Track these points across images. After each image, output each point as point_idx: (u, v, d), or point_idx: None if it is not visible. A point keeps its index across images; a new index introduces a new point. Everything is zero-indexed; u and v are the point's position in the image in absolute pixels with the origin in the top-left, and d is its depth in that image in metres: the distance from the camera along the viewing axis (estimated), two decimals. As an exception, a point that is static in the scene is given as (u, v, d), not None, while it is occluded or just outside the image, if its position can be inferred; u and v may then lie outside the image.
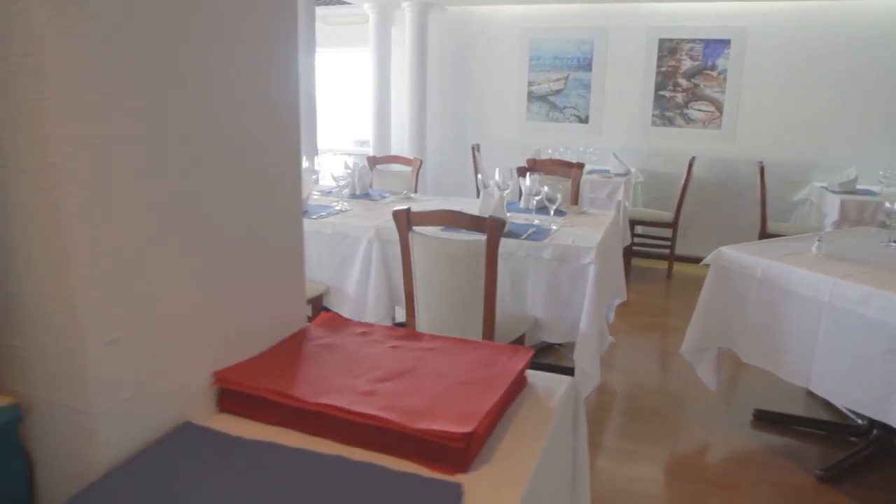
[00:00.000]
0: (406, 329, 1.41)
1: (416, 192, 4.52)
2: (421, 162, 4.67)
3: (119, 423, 0.98)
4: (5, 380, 0.98)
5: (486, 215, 2.67)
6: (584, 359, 2.75)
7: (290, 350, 1.29)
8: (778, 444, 3.00)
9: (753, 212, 5.52)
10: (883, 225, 4.53)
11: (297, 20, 1.33)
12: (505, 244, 2.85)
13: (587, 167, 5.83)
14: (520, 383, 1.24)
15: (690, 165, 5.49)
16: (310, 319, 1.49)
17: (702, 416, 3.26)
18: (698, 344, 3.00)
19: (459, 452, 0.97)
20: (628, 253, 5.66)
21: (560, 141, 6.29)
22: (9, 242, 0.93)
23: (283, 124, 1.30)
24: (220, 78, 1.12)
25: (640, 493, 2.60)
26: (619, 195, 5.14)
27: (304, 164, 3.83)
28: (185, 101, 1.04)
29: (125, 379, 0.98)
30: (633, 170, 5.95)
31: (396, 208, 2.49)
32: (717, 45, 5.91)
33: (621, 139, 6.29)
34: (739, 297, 2.86)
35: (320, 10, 6.77)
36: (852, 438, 2.99)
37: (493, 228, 2.34)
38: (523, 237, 2.88)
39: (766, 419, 3.17)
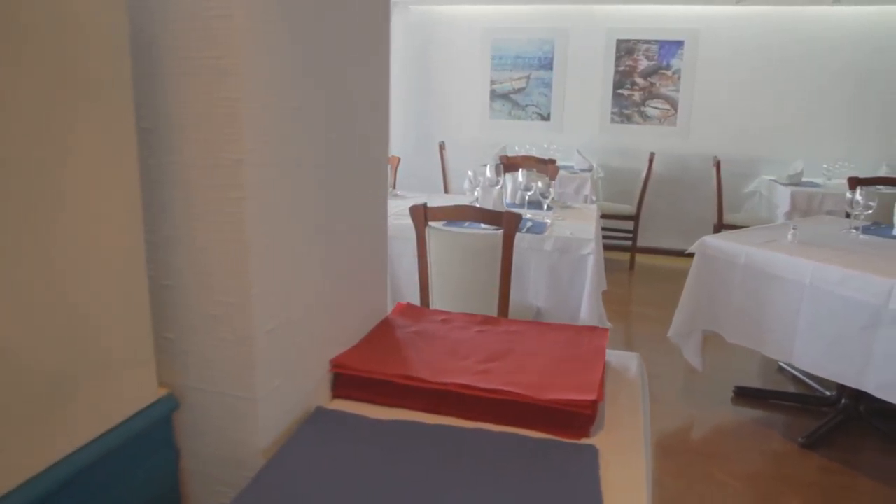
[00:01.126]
0: (480, 315, 1.51)
1: (394, 187, 4.59)
2: (399, 160, 4.75)
3: (272, 409, 1.05)
4: (158, 372, 1.03)
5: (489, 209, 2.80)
6: (586, 344, 2.90)
7: (386, 337, 1.37)
8: (759, 416, 3.24)
9: (708, 204, 5.82)
10: (831, 213, 4.89)
11: (389, 23, 1.41)
12: (511, 238, 2.98)
13: (553, 163, 6.03)
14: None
15: (651, 161, 5.75)
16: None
17: (684, 394, 3.47)
18: (685, 327, 3.20)
19: (587, 418, 1.09)
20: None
21: (523, 138, 6.47)
22: (172, 237, 0.98)
23: (380, 130, 1.38)
24: (350, 80, 1.20)
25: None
26: (587, 190, 5.35)
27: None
28: (325, 100, 1.12)
29: (277, 367, 1.05)
30: (595, 165, 6.17)
31: (412, 204, 2.57)
32: (672, 46, 6.20)
33: (582, 136, 6.52)
34: (724, 283, 3.07)
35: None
36: (823, 408, 3.25)
37: (510, 222, 2.46)
38: (524, 230, 3.02)
39: (745, 395, 3.40)
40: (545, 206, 3.31)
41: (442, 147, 6.09)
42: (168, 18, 0.91)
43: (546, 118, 6.60)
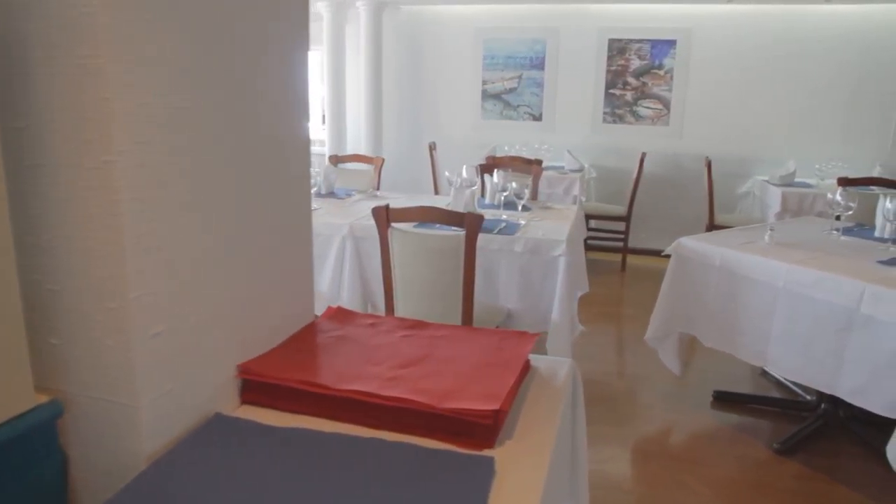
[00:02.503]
0: (412, 319, 1.47)
1: (378, 189, 4.56)
2: (383, 160, 4.72)
3: (160, 416, 1.02)
4: (43, 378, 0.99)
5: (460, 211, 2.76)
6: (557, 348, 2.86)
7: (305, 342, 1.34)
8: (737, 421, 3.18)
9: (701, 204, 5.76)
10: (821, 214, 4.82)
11: (308, 18, 1.37)
12: (478, 238, 2.93)
13: (543, 163, 5.98)
14: (526, 366, 1.32)
15: (642, 161, 5.69)
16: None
17: (664, 398, 3.41)
18: (661, 330, 3.15)
19: (488, 429, 1.05)
20: (584, 246, 5.83)
21: (515, 138, 6.42)
22: (56, 241, 0.96)
23: (296, 125, 1.35)
24: (256, 84, 1.17)
25: (612, 472, 2.72)
26: (576, 190, 5.30)
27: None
28: (223, 101, 1.09)
29: (166, 372, 1.02)
30: (586, 166, 6.12)
31: (373, 206, 2.54)
32: (664, 46, 6.14)
33: (574, 136, 6.46)
34: (700, 285, 3.02)
35: (272, 9, 6.71)
36: (803, 413, 3.18)
37: (472, 223, 2.42)
38: (495, 232, 2.98)
39: (724, 399, 3.35)
40: (519, 207, 3.27)
41: (432, 147, 6.06)
42: (37, 15, 0.88)
43: (538, 118, 6.55)
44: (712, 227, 5.37)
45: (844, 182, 4.43)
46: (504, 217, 3.29)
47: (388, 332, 1.41)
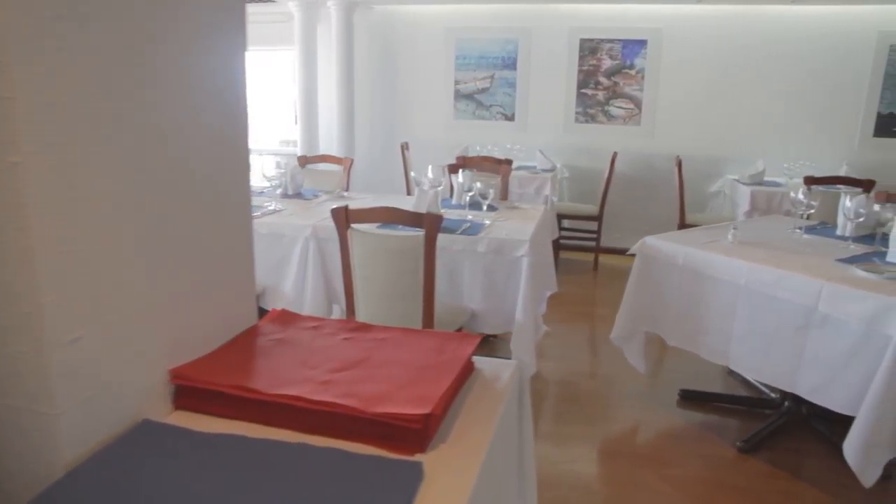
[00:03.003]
0: (356, 321, 1.45)
1: (347, 190, 4.53)
2: (352, 161, 4.69)
3: (81, 423, 0.99)
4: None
5: (422, 211, 2.74)
6: (520, 348, 2.85)
7: (244, 346, 1.32)
8: (702, 420, 3.19)
9: (672, 204, 5.78)
10: (789, 213, 4.86)
11: (245, 17, 1.35)
12: (441, 239, 2.90)
13: (515, 163, 5.97)
14: (468, 368, 1.31)
15: (613, 160, 5.71)
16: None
17: (632, 398, 3.42)
18: (626, 329, 3.15)
19: (418, 433, 1.03)
20: (556, 246, 5.83)
21: (487, 138, 6.41)
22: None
23: (232, 125, 1.32)
24: (177, 79, 1.14)
25: (578, 472, 2.72)
26: (547, 190, 5.30)
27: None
28: (143, 102, 1.06)
29: (86, 378, 0.99)
30: (558, 165, 6.13)
31: (334, 206, 2.51)
32: (635, 46, 6.17)
33: (546, 136, 6.47)
34: (663, 284, 3.02)
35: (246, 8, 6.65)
36: (767, 411, 3.20)
37: (431, 223, 2.40)
38: (458, 232, 2.96)
39: (690, 398, 3.36)
40: (484, 207, 3.25)
41: (405, 147, 6.03)
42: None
43: (510, 118, 6.55)
44: (683, 225, 5.40)
45: (811, 181, 4.48)
46: (469, 217, 3.28)
47: (330, 334, 1.38)
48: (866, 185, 4.43)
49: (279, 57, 7.14)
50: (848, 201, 3.03)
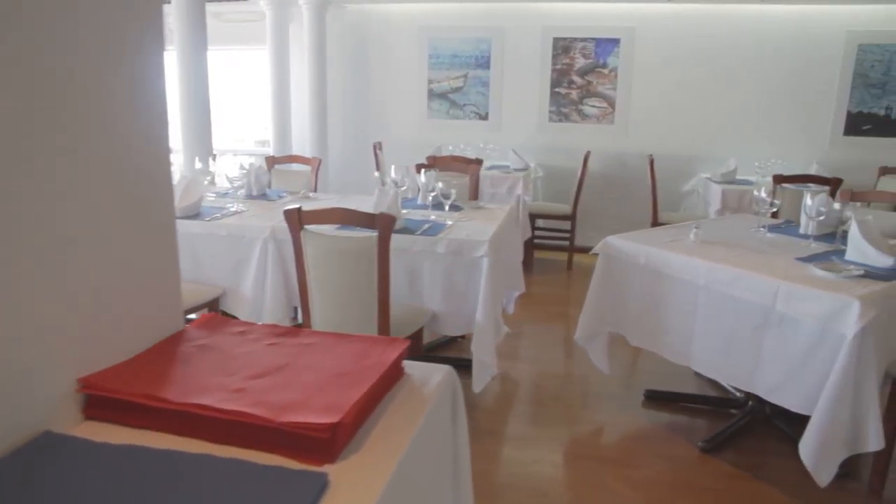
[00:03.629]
0: (285, 326, 1.42)
1: (315, 191, 4.48)
2: (320, 161, 4.64)
3: (-27, 436, 0.95)
4: None
5: (382, 212, 2.70)
6: (481, 349, 2.82)
7: (164, 353, 1.28)
8: (667, 420, 3.18)
9: (647, 203, 5.78)
10: (759, 212, 4.86)
11: (162, 19, 1.31)
12: (400, 240, 2.89)
13: (488, 163, 5.96)
14: (394, 374, 1.27)
15: (585, 160, 5.69)
16: (188, 321, 1.46)
17: (599, 398, 3.40)
18: (590, 330, 3.13)
19: (325, 443, 1.00)
20: (530, 245, 5.82)
21: (461, 138, 6.38)
22: None
23: (150, 126, 1.28)
24: (82, 79, 1.10)
25: (540, 475, 2.69)
26: (519, 190, 5.28)
27: (197, 165, 3.74)
28: (46, 100, 1.02)
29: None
30: (531, 165, 6.11)
31: (287, 207, 2.47)
32: (608, 45, 6.16)
33: (520, 135, 6.45)
34: (626, 284, 3.00)
35: (215, 7, 6.59)
36: (733, 410, 3.19)
37: (383, 224, 2.36)
38: (418, 233, 2.93)
39: (656, 398, 3.34)
40: (446, 207, 3.22)
41: (377, 147, 5.99)
42: None
43: (484, 117, 6.53)
44: (656, 224, 5.40)
45: (779, 179, 4.49)
46: (432, 217, 3.24)
47: (256, 340, 1.35)
48: (834, 184, 4.44)
49: (254, 56, 7.07)
50: (809, 199, 3.03)
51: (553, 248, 6.14)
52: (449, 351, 3.87)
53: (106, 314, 1.19)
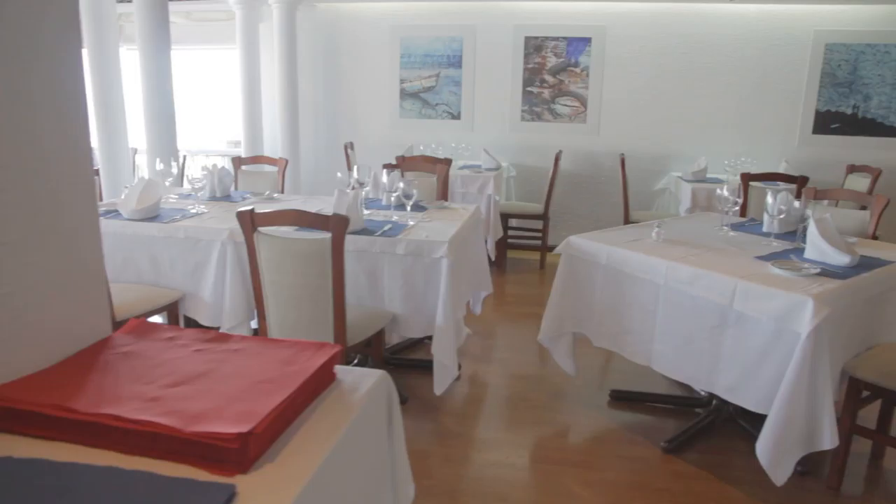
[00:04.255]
0: (214, 331, 1.38)
1: (282, 192, 4.44)
2: (286, 162, 4.59)
3: None
4: None
5: (341, 213, 2.67)
6: (442, 352, 2.79)
7: (85, 361, 1.24)
8: (632, 420, 3.16)
9: (620, 202, 5.79)
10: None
11: (78, 17, 1.26)
12: (359, 241, 2.86)
13: (460, 163, 5.94)
14: (323, 379, 1.24)
15: (557, 159, 5.69)
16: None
17: (565, 399, 3.38)
18: (553, 330, 3.11)
19: (236, 453, 0.96)
20: (503, 245, 5.81)
21: (433, 138, 6.36)
22: None
23: (65, 124, 1.24)
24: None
25: (501, 478, 2.67)
26: (489, 189, 5.26)
27: (158, 166, 3.68)
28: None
29: None
30: (504, 164, 6.09)
31: (240, 209, 2.43)
32: (579, 43, 6.16)
33: (493, 135, 6.44)
34: (588, 284, 2.99)
35: (185, 6, 6.51)
36: (698, 410, 3.19)
37: (336, 226, 2.33)
38: (377, 234, 2.89)
39: (622, 398, 3.33)
40: (408, 208, 3.19)
41: (348, 147, 5.95)
42: None
43: (456, 117, 6.51)
44: (627, 223, 5.40)
45: (747, 178, 4.50)
46: (394, 218, 3.21)
47: (183, 346, 1.31)
48: (800, 182, 4.47)
49: (226, 56, 6.99)
50: (770, 198, 3.03)
51: (526, 248, 6.13)
52: (417, 353, 3.84)
53: (20, 322, 1.15)
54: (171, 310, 3.15)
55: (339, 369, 1.32)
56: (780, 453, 2.28)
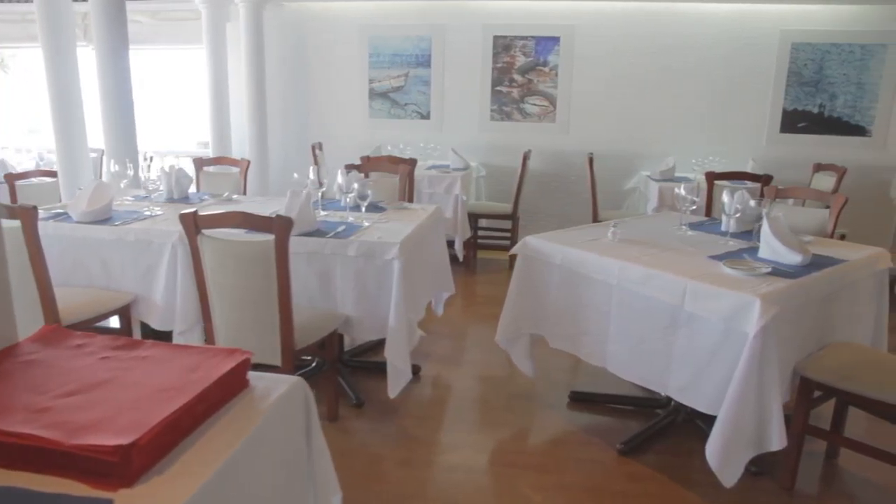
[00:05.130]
0: (126, 338, 1.34)
1: (244, 193, 4.38)
2: (248, 163, 4.54)
3: None
4: None
5: (292, 215, 2.63)
6: (395, 354, 2.76)
7: (-17, 370, 1.19)
8: (590, 422, 3.14)
9: (589, 201, 5.78)
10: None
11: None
12: (310, 243, 2.82)
13: (429, 162, 5.91)
14: (231, 386, 1.20)
15: (525, 159, 5.67)
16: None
17: (525, 401, 3.35)
18: (510, 331, 3.09)
19: (117, 467, 0.92)
20: (472, 245, 5.79)
21: (402, 138, 6.33)
22: None
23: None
24: None
25: (454, 482, 2.63)
26: (457, 189, 5.23)
27: (113, 168, 3.62)
28: None
29: None
30: (473, 164, 6.07)
31: (183, 211, 2.38)
32: (548, 43, 6.15)
33: (462, 134, 6.42)
34: (543, 285, 2.97)
35: (150, 5, 6.42)
36: (658, 411, 3.17)
37: (280, 228, 2.29)
38: (329, 235, 2.85)
39: (581, 400, 3.31)
40: (363, 209, 3.15)
41: (316, 148, 5.89)
42: None
43: (426, 117, 6.48)
44: (596, 222, 5.39)
45: (712, 176, 4.50)
46: (350, 219, 3.17)
47: (91, 353, 1.27)
48: (764, 181, 4.48)
49: (194, 56, 6.91)
50: (726, 197, 3.02)
51: (496, 248, 6.10)
52: (378, 355, 3.79)
53: None
54: (123, 313, 3.09)
55: (253, 376, 1.28)
56: (729, 455, 2.26)
